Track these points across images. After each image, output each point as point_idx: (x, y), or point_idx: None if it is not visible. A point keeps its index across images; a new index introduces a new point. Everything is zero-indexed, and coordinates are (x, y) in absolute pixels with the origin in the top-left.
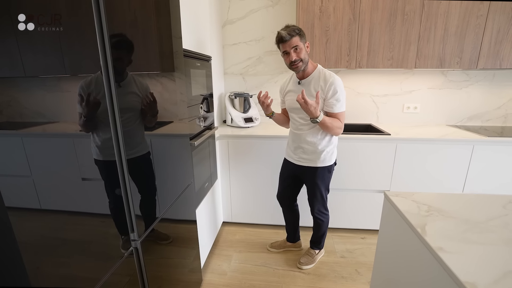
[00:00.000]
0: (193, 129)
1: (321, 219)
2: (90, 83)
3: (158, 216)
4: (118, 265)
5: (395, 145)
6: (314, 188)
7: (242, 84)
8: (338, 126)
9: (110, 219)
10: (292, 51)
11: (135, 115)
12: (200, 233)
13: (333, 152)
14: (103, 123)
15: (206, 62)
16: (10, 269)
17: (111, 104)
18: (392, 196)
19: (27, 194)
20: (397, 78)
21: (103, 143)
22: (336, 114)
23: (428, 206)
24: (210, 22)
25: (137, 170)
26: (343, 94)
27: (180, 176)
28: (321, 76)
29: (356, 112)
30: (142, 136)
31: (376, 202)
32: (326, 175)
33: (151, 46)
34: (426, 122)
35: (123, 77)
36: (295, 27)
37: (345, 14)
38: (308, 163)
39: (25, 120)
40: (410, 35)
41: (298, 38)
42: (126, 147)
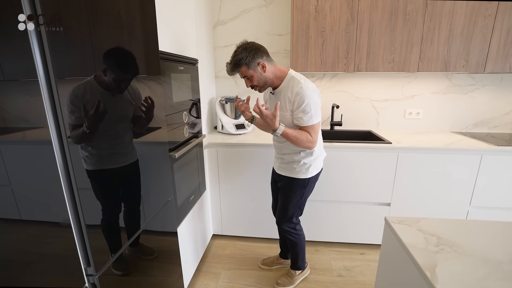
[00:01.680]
0: (174, 139)
1: (290, 239)
2: (84, 90)
3: (130, 238)
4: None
5: (397, 154)
6: (283, 201)
7: (234, 88)
8: (307, 139)
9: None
10: (245, 79)
11: (128, 125)
12: (183, 251)
13: (312, 165)
14: (100, 135)
15: (192, 65)
16: None
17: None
18: (394, 223)
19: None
20: (399, 82)
21: (99, 152)
22: (306, 128)
23: (438, 238)
24: (198, 23)
25: (125, 179)
26: (314, 104)
27: (158, 193)
28: (290, 85)
29: (355, 118)
30: (133, 144)
31: (376, 215)
32: (300, 190)
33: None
34: (429, 128)
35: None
36: (241, 56)
37: (343, 13)
38: (284, 172)
39: (7, 125)
40: (413, 37)
41: (245, 68)
42: (117, 158)
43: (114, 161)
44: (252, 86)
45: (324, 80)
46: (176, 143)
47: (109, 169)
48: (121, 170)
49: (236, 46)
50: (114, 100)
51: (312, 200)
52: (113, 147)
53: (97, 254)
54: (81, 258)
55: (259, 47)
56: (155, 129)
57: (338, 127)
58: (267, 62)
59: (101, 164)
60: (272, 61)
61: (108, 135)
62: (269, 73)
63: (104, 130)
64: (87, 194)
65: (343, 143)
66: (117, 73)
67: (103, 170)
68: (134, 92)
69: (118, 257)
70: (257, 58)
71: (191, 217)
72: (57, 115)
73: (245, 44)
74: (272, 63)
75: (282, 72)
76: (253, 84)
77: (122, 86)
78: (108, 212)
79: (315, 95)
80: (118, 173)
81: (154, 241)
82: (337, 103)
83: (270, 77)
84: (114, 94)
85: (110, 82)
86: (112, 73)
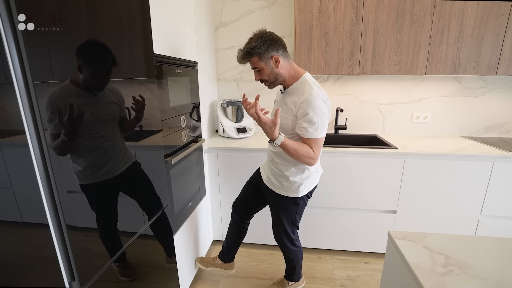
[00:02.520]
0: (171, 144)
1: (287, 256)
2: (61, 94)
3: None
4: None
5: (403, 160)
6: (276, 219)
7: (236, 91)
8: (307, 155)
9: (94, 233)
10: (255, 71)
11: (116, 125)
12: (180, 258)
13: (304, 184)
14: (87, 140)
15: (191, 69)
16: None
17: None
18: (398, 239)
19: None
20: (406, 84)
21: (90, 163)
22: (308, 141)
23: (446, 257)
24: (198, 25)
25: (129, 181)
26: (322, 116)
27: (153, 200)
28: (301, 88)
29: (360, 122)
30: (126, 147)
31: (382, 222)
32: (291, 208)
33: (117, 51)
34: (438, 132)
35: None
36: (254, 45)
37: (347, 14)
38: (272, 187)
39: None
40: (420, 38)
41: (257, 58)
42: (113, 162)
43: (110, 171)
44: (262, 80)
45: (328, 83)
46: (173, 148)
47: (106, 180)
48: (119, 177)
49: (253, 33)
50: (96, 101)
51: (315, 207)
52: (105, 153)
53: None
54: (64, 271)
55: (277, 39)
56: (150, 133)
57: (342, 131)
58: (282, 57)
59: (97, 176)
60: (288, 58)
61: (96, 139)
62: (282, 70)
63: (90, 134)
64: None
65: (347, 148)
66: (93, 65)
67: (100, 182)
68: (116, 93)
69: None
70: (271, 51)
71: (189, 223)
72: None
73: (262, 33)
74: (288, 60)
75: (296, 73)
76: (263, 78)
77: (101, 80)
78: (103, 221)
79: (325, 106)
80: (116, 180)
81: (149, 248)
82: (342, 107)
83: (282, 73)
84: (96, 93)
85: (87, 78)
86: (89, 67)
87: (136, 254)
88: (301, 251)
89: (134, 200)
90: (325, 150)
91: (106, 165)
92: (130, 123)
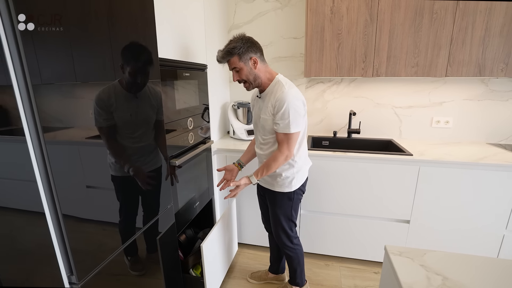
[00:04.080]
0: (177, 145)
1: (287, 254)
2: (108, 93)
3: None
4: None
5: (418, 168)
6: (273, 216)
7: (248, 93)
8: (280, 159)
9: (112, 227)
10: (234, 72)
11: (149, 128)
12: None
13: (295, 178)
14: (122, 138)
15: (200, 71)
16: None
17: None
18: (394, 255)
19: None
20: (425, 87)
21: (122, 159)
22: (279, 135)
23: (443, 279)
24: (209, 28)
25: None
26: (293, 111)
27: (156, 199)
28: (274, 89)
29: (375, 126)
30: (157, 149)
31: (394, 232)
32: (286, 203)
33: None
34: (461, 139)
35: (140, 87)
36: (235, 45)
37: (361, 14)
38: (267, 185)
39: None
40: (440, 38)
41: (237, 58)
42: (141, 162)
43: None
44: (240, 80)
45: (341, 85)
46: (179, 149)
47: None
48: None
49: (233, 36)
50: (136, 103)
51: (325, 212)
52: (136, 152)
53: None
54: (62, 266)
55: (255, 42)
56: (156, 135)
57: (356, 135)
58: (259, 60)
59: (123, 171)
60: (264, 61)
61: (130, 138)
62: (260, 72)
63: (126, 133)
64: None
65: (358, 153)
66: (132, 64)
67: (126, 176)
68: (155, 95)
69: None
70: (250, 52)
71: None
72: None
73: (242, 36)
74: (264, 64)
75: (271, 75)
76: (241, 79)
77: (138, 80)
78: (123, 214)
79: (297, 102)
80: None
81: (152, 247)
82: (356, 110)
83: (260, 75)
84: (137, 95)
85: (127, 78)
86: (128, 66)
87: (141, 250)
88: (300, 249)
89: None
90: (336, 155)
91: (135, 163)
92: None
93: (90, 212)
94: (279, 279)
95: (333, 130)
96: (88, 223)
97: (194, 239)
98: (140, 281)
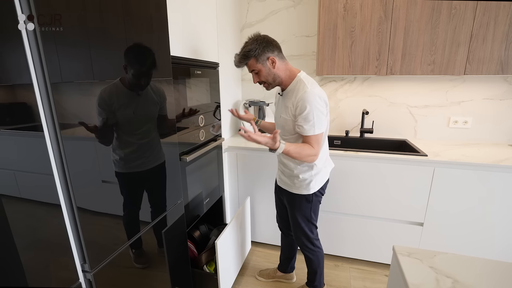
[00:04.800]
0: (188, 142)
1: (307, 256)
2: (110, 92)
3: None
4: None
5: (433, 169)
6: (292, 218)
7: (260, 92)
8: (309, 153)
9: (122, 221)
10: (253, 74)
11: (153, 125)
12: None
13: (314, 180)
14: (126, 135)
15: (212, 69)
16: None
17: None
18: (402, 255)
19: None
20: (442, 86)
21: (126, 155)
22: (306, 138)
23: (454, 282)
24: (222, 27)
25: (154, 178)
26: (317, 112)
27: (166, 195)
28: (296, 88)
29: (389, 125)
30: (160, 145)
31: (407, 234)
32: (304, 205)
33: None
34: (480, 140)
35: (144, 85)
36: (250, 47)
37: (375, 11)
38: (285, 186)
39: (64, 121)
40: (459, 34)
41: (254, 61)
42: (145, 158)
43: (142, 165)
44: (260, 81)
45: (354, 84)
46: (190, 146)
47: (136, 172)
48: (147, 172)
49: (248, 38)
50: (138, 101)
51: (335, 212)
52: (139, 148)
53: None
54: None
55: (271, 40)
56: (167, 132)
57: (369, 134)
58: (278, 58)
59: (130, 167)
60: (283, 59)
61: (133, 135)
62: (279, 70)
63: (129, 130)
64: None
65: (370, 153)
66: (135, 67)
67: (131, 172)
68: (158, 92)
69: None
70: (267, 52)
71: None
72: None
73: (256, 36)
74: (284, 61)
75: (292, 73)
76: (261, 80)
77: (141, 81)
78: (127, 208)
79: (320, 102)
80: (144, 174)
81: (161, 242)
82: (369, 109)
83: (279, 74)
84: (139, 93)
85: (130, 78)
86: (131, 68)
87: (151, 244)
88: (321, 252)
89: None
90: (348, 154)
91: (139, 159)
92: (168, 122)
93: (103, 206)
94: (287, 278)
95: (345, 130)
96: (101, 216)
97: (207, 236)
98: (147, 274)
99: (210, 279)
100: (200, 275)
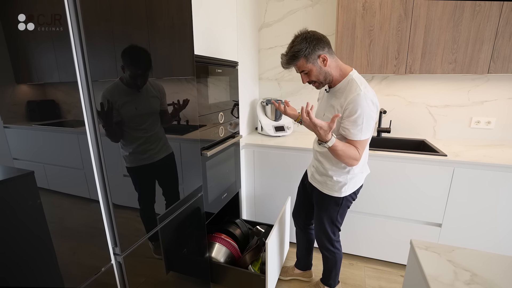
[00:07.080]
0: (208, 138)
1: (325, 255)
2: (111, 91)
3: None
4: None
5: (452, 169)
6: (317, 217)
7: (277, 90)
8: (353, 156)
9: (144, 213)
10: (302, 74)
11: (156, 118)
12: None
13: (347, 184)
14: (131, 131)
15: (232, 68)
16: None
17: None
18: (420, 249)
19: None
20: (464, 85)
21: (134, 150)
22: (352, 142)
23: (472, 275)
24: (241, 27)
25: (164, 169)
26: (367, 117)
27: (188, 188)
28: (347, 88)
29: (407, 125)
30: (165, 137)
31: (425, 235)
32: (332, 207)
33: (161, 52)
34: (504, 141)
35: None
36: (299, 47)
37: (394, 10)
38: (316, 184)
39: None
40: (483, 32)
41: (304, 61)
42: (152, 150)
43: (150, 157)
44: (310, 81)
45: (372, 83)
46: (210, 142)
47: (146, 165)
48: (157, 164)
49: (294, 36)
50: (139, 97)
51: (351, 211)
52: (146, 142)
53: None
54: (109, 239)
55: (321, 37)
56: (189, 127)
57: (386, 134)
58: (329, 55)
59: (139, 161)
60: (334, 55)
61: (138, 130)
62: (331, 68)
63: (134, 125)
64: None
65: (388, 152)
66: (131, 69)
67: (141, 166)
68: (157, 87)
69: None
70: (317, 50)
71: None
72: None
73: (305, 33)
74: (334, 58)
75: (343, 71)
76: (311, 80)
77: (138, 82)
78: (143, 201)
79: (372, 107)
80: (154, 167)
81: (182, 234)
82: (387, 108)
83: (331, 72)
84: (139, 90)
85: (127, 78)
86: (127, 69)
87: (169, 237)
88: (340, 254)
89: (170, 185)
90: None
91: (146, 153)
92: (169, 116)
93: (126, 199)
94: (306, 276)
95: None
96: (127, 209)
97: (246, 234)
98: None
99: (256, 279)
100: (246, 275)
